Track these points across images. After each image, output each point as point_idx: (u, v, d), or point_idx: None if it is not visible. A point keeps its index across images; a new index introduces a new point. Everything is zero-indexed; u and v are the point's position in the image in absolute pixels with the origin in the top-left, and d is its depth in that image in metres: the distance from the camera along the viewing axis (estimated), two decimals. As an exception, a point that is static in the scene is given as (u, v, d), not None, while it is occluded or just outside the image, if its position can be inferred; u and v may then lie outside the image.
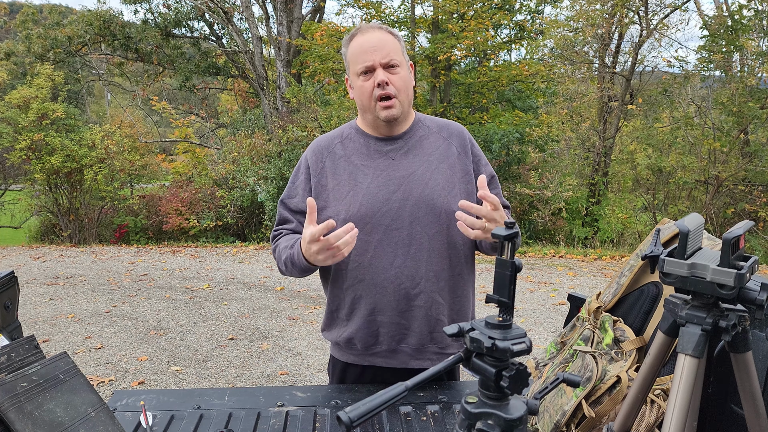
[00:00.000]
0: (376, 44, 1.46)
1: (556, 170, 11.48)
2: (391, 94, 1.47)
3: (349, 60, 1.50)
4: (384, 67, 1.46)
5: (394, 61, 1.47)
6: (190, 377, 3.94)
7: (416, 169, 1.52)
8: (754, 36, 9.68)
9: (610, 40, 10.92)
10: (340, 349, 1.64)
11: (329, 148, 1.58)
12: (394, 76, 1.47)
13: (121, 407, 1.43)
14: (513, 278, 0.79)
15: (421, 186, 1.50)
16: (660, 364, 1.05)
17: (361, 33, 1.50)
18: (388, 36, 1.49)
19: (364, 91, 1.48)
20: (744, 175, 9.36)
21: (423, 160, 1.53)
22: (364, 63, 1.46)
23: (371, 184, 1.50)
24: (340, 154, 1.56)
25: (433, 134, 1.58)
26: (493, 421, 0.75)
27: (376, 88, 1.46)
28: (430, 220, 1.49)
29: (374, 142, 1.55)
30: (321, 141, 1.61)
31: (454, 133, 1.59)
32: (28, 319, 5.19)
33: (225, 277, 7.00)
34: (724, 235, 0.89)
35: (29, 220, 12.80)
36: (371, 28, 1.50)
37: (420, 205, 1.49)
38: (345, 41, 1.53)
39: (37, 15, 18.26)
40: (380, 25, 1.52)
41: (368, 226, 1.48)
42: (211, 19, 15.56)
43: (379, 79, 1.45)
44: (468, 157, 1.58)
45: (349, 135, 1.59)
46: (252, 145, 10.73)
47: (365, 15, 11.90)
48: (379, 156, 1.53)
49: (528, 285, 6.42)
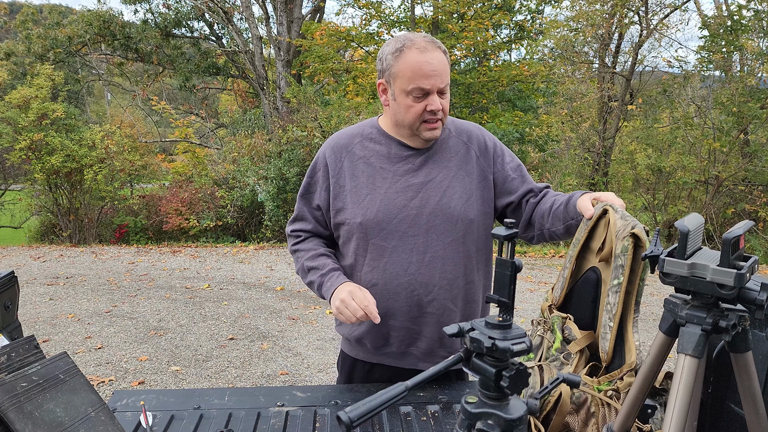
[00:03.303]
0: (437, 68, 1.38)
1: (556, 170, 11.48)
2: (440, 119, 1.45)
3: (399, 74, 1.40)
4: (438, 92, 1.41)
5: (447, 86, 1.43)
6: (190, 377, 3.94)
7: (435, 176, 1.50)
8: (754, 36, 9.68)
9: (610, 40, 10.92)
10: (350, 345, 1.65)
11: (348, 147, 1.54)
12: (444, 100, 1.44)
13: (121, 407, 1.43)
14: (513, 278, 0.79)
15: (439, 194, 1.48)
16: (660, 364, 1.05)
17: (419, 50, 1.38)
18: (444, 56, 1.41)
19: (412, 111, 1.42)
20: (744, 175, 9.36)
21: (442, 166, 1.51)
22: (421, 86, 1.38)
23: (389, 190, 1.48)
24: (360, 154, 1.52)
25: (453, 138, 1.56)
26: (493, 421, 0.75)
27: (427, 112, 1.42)
28: (447, 228, 1.48)
29: (396, 145, 1.52)
30: (340, 139, 1.57)
31: (473, 136, 1.57)
32: (28, 319, 5.19)
33: (225, 277, 7.00)
34: (724, 235, 0.89)
35: (29, 220, 12.79)
36: (431, 45, 1.40)
37: (437, 213, 1.48)
38: (392, 49, 1.42)
39: (37, 15, 18.27)
40: (434, 40, 1.42)
41: (384, 232, 1.47)
42: (211, 19, 15.56)
43: (435, 106, 1.40)
44: (488, 158, 1.56)
45: (370, 135, 1.55)
46: (252, 145, 10.73)
47: (365, 15, 11.90)
48: (399, 160, 1.51)
49: (528, 285, 6.42)
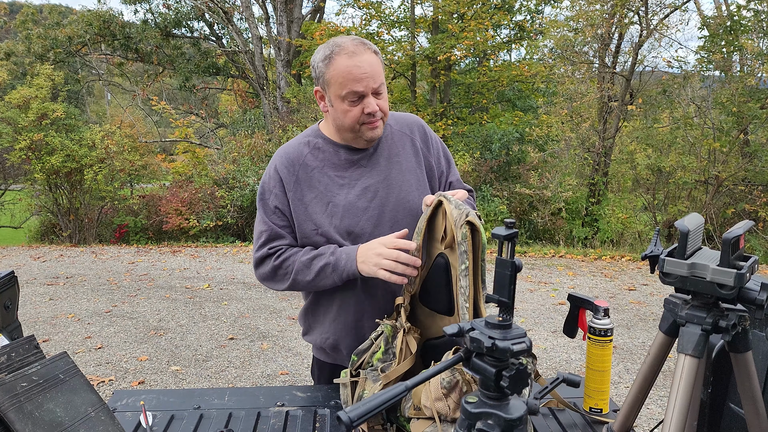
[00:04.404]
0: (368, 71, 1.38)
1: (555, 170, 11.48)
2: (379, 119, 1.45)
3: (331, 80, 1.40)
4: (374, 93, 1.41)
5: (382, 86, 1.43)
6: (190, 377, 3.94)
7: (389, 172, 1.53)
8: (754, 36, 9.68)
9: (610, 40, 10.91)
10: (325, 353, 1.64)
11: (300, 160, 1.52)
12: (381, 100, 1.44)
13: (121, 407, 1.43)
14: (513, 278, 0.79)
15: (396, 189, 1.51)
16: (660, 363, 1.05)
17: (348, 54, 1.38)
18: (374, 57, 1.41)
19: (349, 115, 1.42)
20: (744, 175, 9.36)
21: (392, 162, 1.54)
22: (354, 90, 1.38)
23: (349, 195, 1.49)
24: (313, 165, 1.51)
25: (396, 132, 1.58)
26: (493, 421, 0.75)
27: (365, 115, 1.42)
28: (409, 221, 1.50)
29: (344, 151, 1.52)
30: (289, 152, 1.53)
31: (414, 127, 1.60)
32: (28, 319, 5.19)
33: (225, 277, 7.00)
34: (724, 235, 0.89)
35: (29, 220, 12.78)
36: (360, 48, 1.39)
37: (398, 209, 1.50)
38: (322, 56, 1.41)
39: (37, 15, 18.29)
40: (364, 42, 1.42)
41: (352, 236, 1.48)
42: (211, 19, 15.57)
43: (371, 108, 1.40)
44: (429, 149, 1.60)
45: (317, 144, 1.54)
46: (252, 145, 10.73)
47: (365, 15, 11.90)
48: (351, 165, 1.52)
49: (528, 285, 6.42)
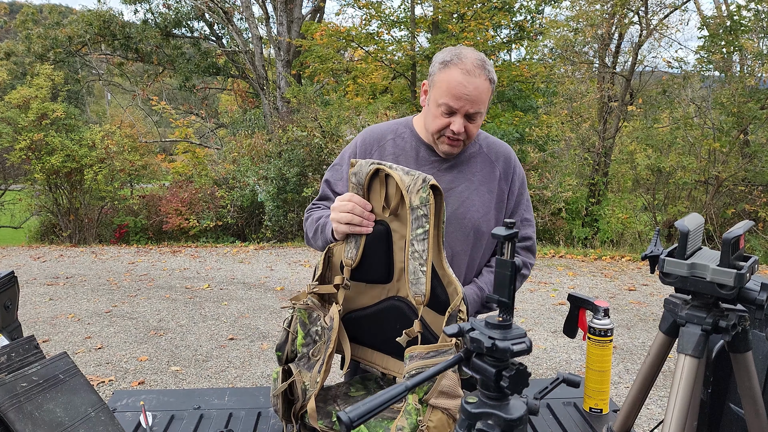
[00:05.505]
0: (471, 94, 1.39)
1: (555, 170, 11.47)
2: (460, 140, 1.46)
3: (437, 84, 1.43)
4: (466, 116, 1.43)
5: (479, 113, 1.44)
6: (190, 377, 3.94)
7: (457, 185, 1.52)
8: (754, 36, 9.68)
9: (610, 40, 10.92)
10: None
11: (380, 142, 1.56)
12: (471, 124, 1.44)
13: (121, 407, 1.43)
14: (513, 278, 0.79)
15: (457, 203, 1.50)
16: (660, 363, 1.05)
17: (462, 71, 1.39)
18: (486, 85, 1.42)
19: (437, 122, 1.44)
20: (744, 175, 9.36)
21: (465, 178, 1.53)
22: (449, 104, 1.40)
23: None
24: (389, 150, 1.54)
25: (482, 154, 1.57)
26: (493, 421, 0.75)
27: (448, 130, 1.43)
28: (458, 237, 1.49)
29: (425, 149, 1.54)
30: (374, 131, 1.59)
31: (501, 156, 1.59)
32: (28, 319, 5.19)
33: (225, 277, 7.00)
34: (724, 235, 0.89)
35: (29, 220, 12.79)
36: (477, 70, 1.40)
37: (451, 221, 1.49)
38: (442, 58, 1.43)
39: (37, 15, 18.26)
40: (484, 66, 1.42)
41: None
42: (211, 19, 15.55)
43: (456, 128, 1.42)
44: (507, 183, 1.58)
45: (402, 134, 1.56)
46: (252, 145, 10.72)
47: (365, 15, 11.89)
48: (425, 164, 1.52)
49: (528, 285, 6.41)
